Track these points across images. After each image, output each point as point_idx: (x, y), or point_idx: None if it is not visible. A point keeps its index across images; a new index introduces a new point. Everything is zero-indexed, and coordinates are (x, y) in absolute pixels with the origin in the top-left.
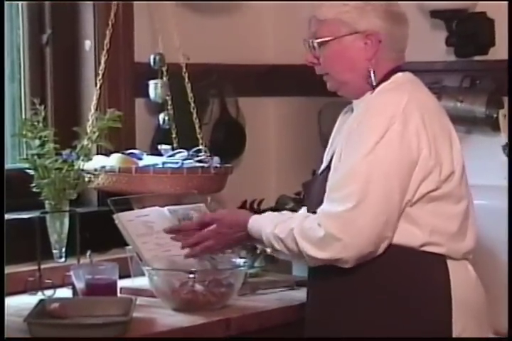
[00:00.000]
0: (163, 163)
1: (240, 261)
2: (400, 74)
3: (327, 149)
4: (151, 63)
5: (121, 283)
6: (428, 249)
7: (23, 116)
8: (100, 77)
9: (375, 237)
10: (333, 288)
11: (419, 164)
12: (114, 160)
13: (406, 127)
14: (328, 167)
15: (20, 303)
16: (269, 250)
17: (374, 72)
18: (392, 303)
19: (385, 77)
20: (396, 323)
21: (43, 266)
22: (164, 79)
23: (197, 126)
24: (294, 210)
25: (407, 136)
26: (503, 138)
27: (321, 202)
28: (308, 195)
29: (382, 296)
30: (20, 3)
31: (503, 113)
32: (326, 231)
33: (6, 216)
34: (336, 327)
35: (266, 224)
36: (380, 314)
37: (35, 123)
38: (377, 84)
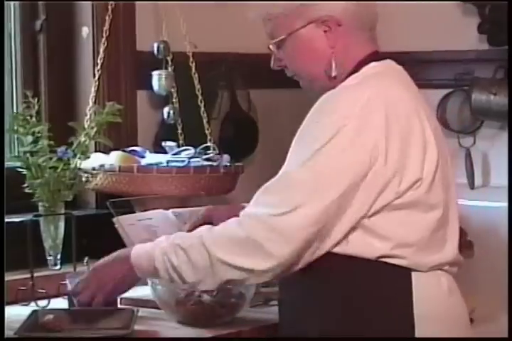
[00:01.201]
0: (168, 162)
1: None
2: (373, 63)
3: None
4: (155, 52)
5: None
6: (389, 261)
7: (15, 110)
8: (99, 67)
9: (307, 247)
10: (295, 301)
11: (372, 174)
12: (113, 159)
13: (361, 131)
14: None
15: (11, 315)
16: (164, 278)
17: (336, 63)
18: (351, 315)
19: (356, 68)
20: (358, 334)
21: (36, 274)
22: (169, 69)
23: (205, 121)
24: None
25: (358, 142)
26: None
27: None
28: None
29: (340, 308)
30: None
31: None
32: (248, 234)
33: None
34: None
35: (158, 242)
36: (341, 326)
37: (28, 118)
38: (347, 77)
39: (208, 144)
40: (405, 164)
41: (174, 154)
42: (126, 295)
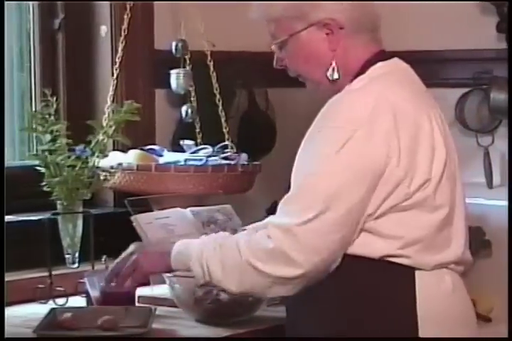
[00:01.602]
0: (186, 160)
1: None
2: (379, 64)
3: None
4: (173, 51)
5: (140, 292)
6: (392, 260)
7: (33, 109)
8: (117, 65)
9: (330, 256)
10: (300, 301)
11: (385, 176)
12: (131, 157)
13: (372, 135)
14: None
15: (28, 313)
16: (192, 266)
17: (336, 66)
18: (354, 314)
19: (363, 69)
20: (362, 334)
21: (54, 273)
22: (187, 68)
23: (222, 120)
24: None
25: (371, 145)
26: None
27: None
28: None
29: (344, 307)
30: None
31: None
32: (275, 245)
33: (14, 218)
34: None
35: (199, 240)
36: (344, 325)
37: (46, 117)
38: (353, 79)
39: (226, 143)
40: (415, 165)
41: (192, 153)
42: (144, 293)
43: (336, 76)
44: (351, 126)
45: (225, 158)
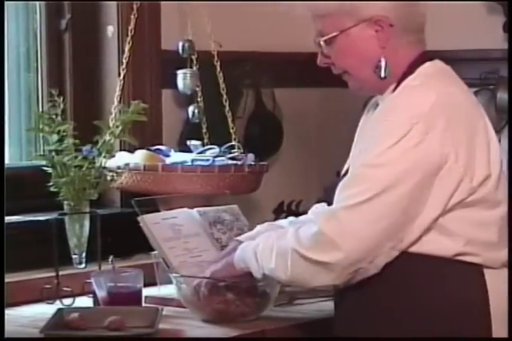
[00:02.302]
0: (193, 161)
1: None
2: (427, 64)
3: (352, 149)
4: (180, 51)
5: (146, 292)
6: (462, 259)
7: (40, 109)
8: (124, 66)
9: (374, 245)
10: (361, 300)
11: (446, 172)
12: (138, 157)
13: (430, 130)
14: None
15: (35, 313)
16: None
17: (386, 63)
18: (426, 316)
19: (410, 69)
20: (431, 335)
21: (61, 273)
22: (194, 68)
23: (229, 120)
24: None
25: (429, 140)
26: None
27: None
28: (331, 199)
29: (415, 308)
30: None
31: None
32: (319, 228)
33: (21, 218)
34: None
35: (254, 241)
36: (413, 326)
37: (53, 117)
38: (402, 78)
39: (233, 143)
40: (474, 161)
41: (199, 153)
42: (151, 294)
43: (384, 74)
44: (411, 120)
45: (232, 158)
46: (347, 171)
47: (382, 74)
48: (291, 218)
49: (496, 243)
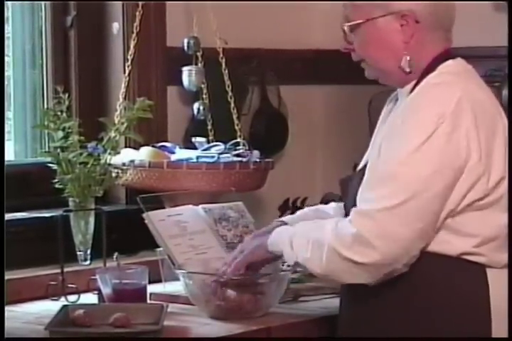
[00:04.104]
0: (198, 158)
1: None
2: (449, 62)
3: (370, 143)
4: (185, 48)
5: (151, 289)
6: (467, 258)
7: (45, 106)
8: (129, 62)
9: (410, 246)
10: (367, 297)
11: (466, 170)
12: (143, 154)
13: (456, 128)
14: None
15: (41, 310)
16: (284, 246)
17: (410, 58)
18: (428, 313)
19: (431, 66)
20: (432, 333)
21: (66, 270)
22: (199, 65)
23: (235, 117)
24: None
25: (456, 138)
26: None
27: None
28: (347, 193)
29: (418, 305)
30: None
31: None
32: (357, 229)
33: (27, 215)
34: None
35: (291, 227)
36: (415, 323)
37: (59, 114)
38: (423, 74)
39: (238, 140)
40: (492, 161)
41: (204, 150)
42: (156, 290)
43: (408, 69)
44: (437, 119)
45: (237, 155)
46: (365, 166)
47: (408, 69)
48: (333, 204)
49: (502, 245)
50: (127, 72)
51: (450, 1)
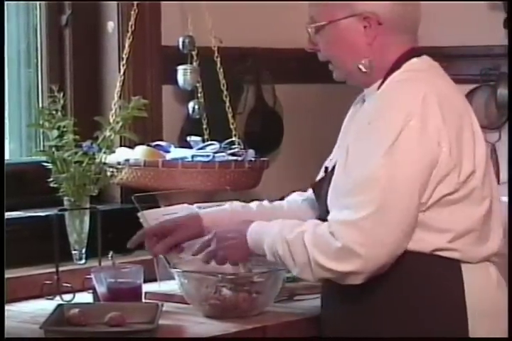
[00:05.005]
0: (193, 156)
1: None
2: (414, 59)
3: (337, 144)
4: (180, 47)
5: (147, 288)
6: (441, 254)
7: (40, 105)
8: (124, 61)
9: (396, 248)
10: (345, 297)
11: (438, 165)
12: (139, 153)
13: (425, 123)
14: None
15: (36, 309)
16: (270, 260)
17: (370, 59)
18: (404, 310)
19: (396, 65)
20: (410, 331)
21: (61, 269)
22: (194, 64)
23: (230, 116)
24: None
25: (426, 134)
26: None
27: None
28: (319, 196)
29: (396, 304)
30: None
31: None
32: (343, 243)
33: (21, 214)
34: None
35: (271, 226)
36: (392, 321)
37: (53, 113)
38: (388, 73)
39: (233, 139)
40: (463, 156)
41: (199, 149)
42: (152, 289)
43: (366, 69)
44: (404, 117)
45: (233, 154)
46: (334, 167)
47: (364, 70)
48: (258, 202)
49: (477, 239)
50: (122, 71)
51: (415, 2)
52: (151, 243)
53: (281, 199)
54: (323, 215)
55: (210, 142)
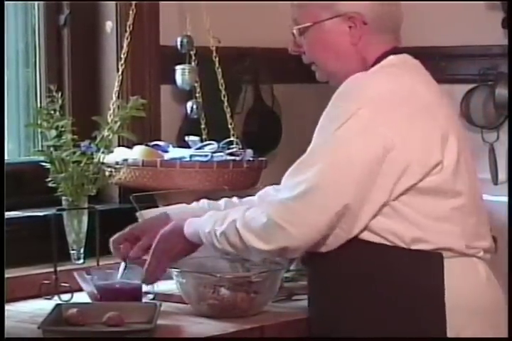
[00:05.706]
0: (191, 156)
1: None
2: (391, 57)
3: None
4: (178, 46)
5: (145, 288)
6: (416, 247)
7: (39, 105)
8: (123, 61)
9: (324, 228)
10: (330, 294)
11: (392, 158)
12: (137, 153)
13: (375, 114)
14: None
15: (34, 309)
16: (217, 252)
17: (357, 59)
18: (378, 305)
19: (376, 62)
20: (389, 323)
21: (59, 269)
22: (192, 64)
23: (228, 116)
24: None
25: (373, 124)
26: None
27: None
28: None
29: (367, 298)
30: None
31: None
32: (268, 218)
33: (20, 213)
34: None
35: (203, 224)
36: (371, 313)
37: (52, 112)
38: (367, 70)
39: (231, 139)
40: (426, 147)
41: (197, 149)
42: (149, 289)
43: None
44: (356, 105)
45: (231, 154)
46: None
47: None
48: (227, 199)
49: (454, 232)
50: (120, 70)
51: (396, 2)
52: (123, 248)
53: None
54: None
55: (208, 142)
